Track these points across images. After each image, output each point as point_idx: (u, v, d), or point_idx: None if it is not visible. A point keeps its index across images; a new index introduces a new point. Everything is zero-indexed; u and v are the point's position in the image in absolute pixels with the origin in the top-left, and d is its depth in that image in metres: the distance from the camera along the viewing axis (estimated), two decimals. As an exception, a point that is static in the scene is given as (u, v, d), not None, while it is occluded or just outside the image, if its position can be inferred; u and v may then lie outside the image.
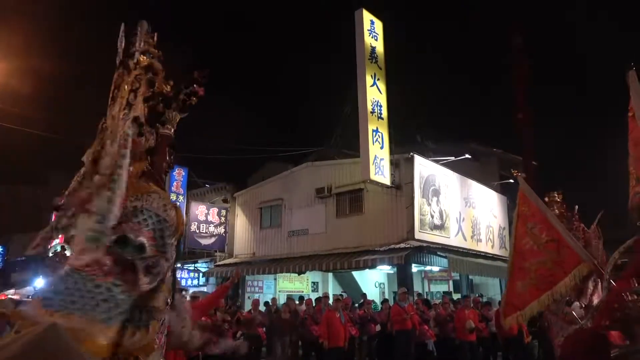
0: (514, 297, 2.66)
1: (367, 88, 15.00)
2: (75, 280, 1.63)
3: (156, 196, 2.02)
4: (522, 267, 2.65)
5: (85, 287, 1.63)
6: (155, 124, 2.18)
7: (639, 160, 2.24)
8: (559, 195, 6.20)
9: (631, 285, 2.13)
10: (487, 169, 21.29)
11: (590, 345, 2.10)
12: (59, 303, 1.57)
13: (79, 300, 1.60)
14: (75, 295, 1.60)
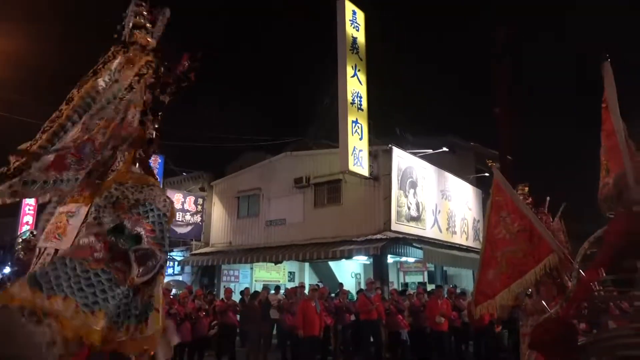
0: (485, 285, 2.69)
1: (347, 79, 14.94)
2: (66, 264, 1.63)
3: (157, 190, 2.07)
4: (494, 256, 2.67)
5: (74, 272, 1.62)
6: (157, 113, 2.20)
7: (610, 151, 2.27)
8: (525, 188, 6.37)
9: (599, 276, 2.16)
10: (463, 162, 21.56)
11: (559, 334, 2.12)
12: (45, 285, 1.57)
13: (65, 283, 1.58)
14: (62, 279, 1.60)
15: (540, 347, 2.22)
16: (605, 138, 2.32)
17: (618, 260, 2.08)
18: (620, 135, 2.15)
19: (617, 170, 2.19)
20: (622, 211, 2.11)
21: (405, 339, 11.91)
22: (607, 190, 2.25)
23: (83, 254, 1.66)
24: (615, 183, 2.17)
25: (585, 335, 2.16)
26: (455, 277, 19.72)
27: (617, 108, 2.19)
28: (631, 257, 2.04)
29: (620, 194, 2.14)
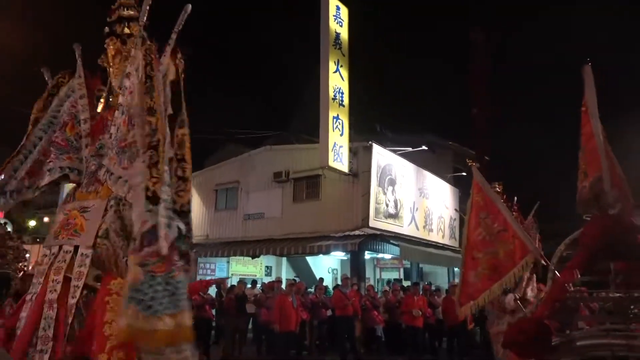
0: (468, 286, 2.71)
1: (329, 74, 14.90)
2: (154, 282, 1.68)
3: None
4: (475, 257, 2.70)
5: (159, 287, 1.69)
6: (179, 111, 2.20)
7: (589, 154, 2.30)
8: (499, 186, 6.50)
9: (574, 277, 2.20)
10: (442, 161, 21.80)
11: (533, 334, 2.15)
12: (157, 307, 1.65)
13: (164, 301, 1.67)
14: (158, 297, 1.67)
15: (515, 347, 2.24)
16: (585, 141, 2.35)
17: (592, 262, 2.12)
18: (599, 139, 2.18)
19: (594, 173, 2.22)
20: (598, 214, 2.15)
21: (380, 335, 12.02)
22: (585, 193, 2.28)
23: (166, 267, 1.72)
24: (592, 186, 2.21)
25: (558, 336, 2.19)
26: (430, 274, 19.98)
27: (596, 112, 2.22)
28: (605, 259, 2.08)
29: (597, 198, 2.18)
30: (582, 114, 2.36)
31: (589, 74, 2.27)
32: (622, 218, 2.07)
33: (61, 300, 1.93)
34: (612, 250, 2.03)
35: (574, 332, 2.29)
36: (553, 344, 2.16)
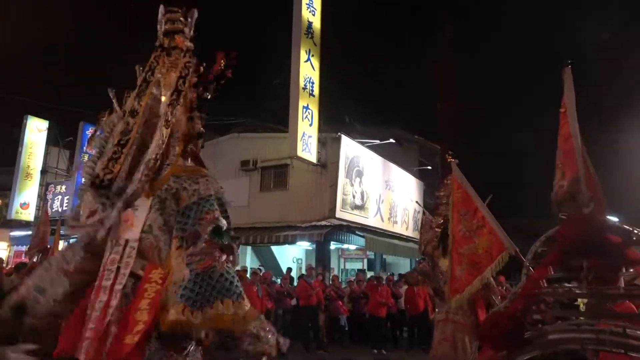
0: (455, 281, 2.78)
1: (300, 63, 14.78)
2: (203, 279, 1.94)
3: (212, 180, 2.35)
4: (459, 252, 2.75)
5: (213, 281, 1.95)
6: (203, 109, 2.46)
7: (566, 154, 2.36)
8: (451, 178, 6.86)
9: (548, 273, 2.27)
10: (408, 154, 22.14)
11: (507, 328, 2.20)
12: (200, 301, 1.90)
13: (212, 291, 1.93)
14: (209, 290, 1.93)
15: (488, 340, 2.30)
16: (563, 142, 2.42)
17: (566, 259, 2.19)
18: (576, 140, 2.25)
19: (571, 173, 2.29)
20: (574, 214, 2.22)
21: (344, 325, 12.17)
22: (561, 192, 2.35)
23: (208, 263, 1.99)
24: (569, 186, 2.28)
25: (531, 329, 2.26)
26: (393, 265, 20.35)
27: (574, 113, 2.28)
28: (578, 256, 2.15)
29: (573, 197, 2.25)
30: (560, 114, 2.43)
31: (569, 76, 2.33)
32: (595, 217, 2.15)
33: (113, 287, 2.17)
34: (585, 248, 2.11)
35: (545, 326, 2.36)
36: (525, 337, 2.23)
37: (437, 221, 6.65)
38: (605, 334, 2.06)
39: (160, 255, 2.20)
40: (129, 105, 2.42)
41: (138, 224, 2.26)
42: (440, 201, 6.60)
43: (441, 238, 6.34)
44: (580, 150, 2.23)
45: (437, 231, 6.47)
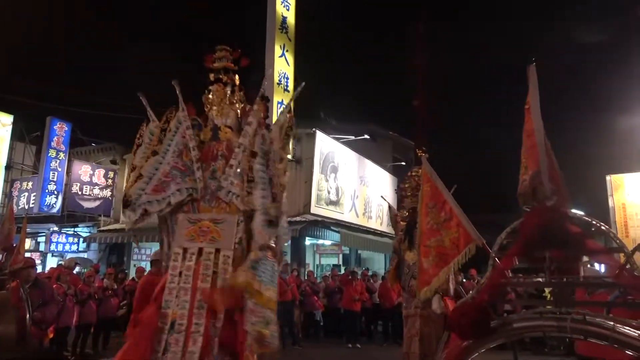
0: (423, 273, 2.83)
1: (275, 58, 14.72)
2: (266, 264, 2.59)
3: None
4: (427, 245, 2.81)
5: (268, 267, 2.60)
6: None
7: (529, 150, 2.44)
8: (419, 170, 6.80)
9: (513, 264, 2.35)
10: (382, 150, 22.31)
11: (474, 317, 2.27)
12: (264, 279, 2.54)
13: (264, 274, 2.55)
14: (264, 271, 2.56)
15: (457, 329, 2.36)
16: (526, 137, 2.50)
17: (530, 250, 2.27)
18: (540, 135, 2.33)
19: (534, 168, 2.37)
20: (537, 206, 2.30)
21: (319, 320, 12.23)
22: (525, 186, 2.43)
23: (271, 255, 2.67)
24: (532, 180, 2.36)
25: (497, 318, 2.34)
26: (368, 260, 20.53)
27: (538, 109, 2.36)
28: (541, 247, 2.24)
29: (535, 190, 2.33)
30: (525, 111, 2.51)
31: (533, 73, 2.41)
32: (557, 209, 2.23)
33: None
34: (548, 239, 2.19)
35: (510, 315, 2.45)
36: (492, 326, 2.30)
37: (402, 214, 6.68)
38: (566, 321, 2.15)
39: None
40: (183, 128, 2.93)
41: (227, 237, 2.70)
42: (405, 194, 6.61)
43: (407, 231, 6.39)
44: (542, 145, 2.31)
45: (402, 224, 6.53)
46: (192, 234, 2.75)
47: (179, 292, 2.62)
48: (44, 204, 17.40)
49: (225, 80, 3.04)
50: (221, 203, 2.80)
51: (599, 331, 2.07)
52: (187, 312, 2.55)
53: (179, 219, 2.84)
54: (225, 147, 2.89)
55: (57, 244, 17.91)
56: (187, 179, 2.85)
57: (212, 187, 2.82)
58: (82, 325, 8.81)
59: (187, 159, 2.89)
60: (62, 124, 17.96)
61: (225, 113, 2.98)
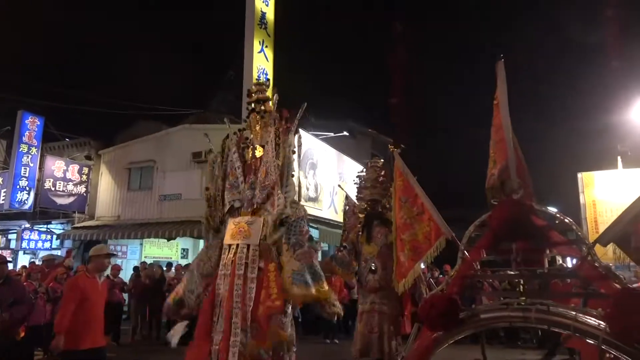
0: (400, 266, 2.88)
1: (254, 54, 14.63)
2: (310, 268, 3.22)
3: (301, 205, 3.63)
4: (402, 239, 2.85)
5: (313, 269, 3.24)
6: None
7: (498, 144, 2.50)
8: (379, 161, 6.76)
9: (481, 256, 2.40)
10: (361, 147, 22.42)
11: (443, 309, 2.32)
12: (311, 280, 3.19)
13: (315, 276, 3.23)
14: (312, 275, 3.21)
15: (426, 320, 2.40)
16: (494, 132, 2.56)
17: (497, 243, 2.33)
18: (507, 130, 2.38)
19: (502, 162, 2.43)
20: (504, 199, 2.36)
21: (297, 315, 12.23)
22: (493, 180, 2.49)
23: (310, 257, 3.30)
24: (499, 174, 2.42)
25: (465, 310, 2.39)
26: (346, 256, 20.56)
27: (506, 105, 2.41)
28: (508, 239, 2.29)
29: (503, 184, 2.39)
30: (494, 106, 2.56)
31: (502, 69, 2.46)
32: (524, 202, 2.29)
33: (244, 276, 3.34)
34: (514, 231, 2.25)
35: (478, 306, 2.50)
36: (460, 317, 2.35)
37: (360, 206, 6.38)
38: (531, 311, 2.21)
39: (271, 254, 3.34)
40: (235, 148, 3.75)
41: (255, 234, 3.38)
42: (365, 184, 6.37)
43: (365, 224, 6.13)
44: (510, 140, 2.36)
45: (360, 217, 6.25)
46: (233, 233, 3.48)
47: (223, 278, 3.38)
48: (15, 200, 16.94)
49: (259, 110, 3.77)
50: (254, 208, 3.51)
51: (561, 321, 2.14)
52: (227, 294, 3.27)
53: (227, 222, 3.59)
54: (259, 163, 3.63)
55: (29, 242, 17.48)
56: (232, 193, 3.62)
57: (249, 196, 3.55)
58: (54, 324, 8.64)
59: (233, 178, 3.67)
60: (34, 118, 17.50)
61: (261, 135, 3.69)
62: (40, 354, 8.62)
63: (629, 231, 2.07)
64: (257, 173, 3.56)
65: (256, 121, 3.70)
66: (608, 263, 2.23)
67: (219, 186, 3.71)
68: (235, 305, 3.21)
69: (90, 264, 5.00)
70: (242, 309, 3.18)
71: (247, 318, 3.17)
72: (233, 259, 3.35)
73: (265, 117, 3.72)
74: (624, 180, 11.51)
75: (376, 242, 6.02)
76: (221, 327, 3.20)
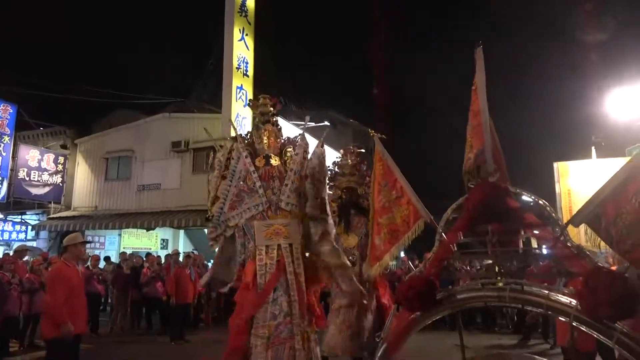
0: (375, 249, 2.90)
1: (234, 42, 14.46)
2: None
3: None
4: (379, 222, 2.88)
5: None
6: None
7: (474, 128, 2.55)
8: (354, 147, 6.67)
9: (458, 238, 2.45)
10: (342, 137, 22.44)
11: (421, 290, 2.36)
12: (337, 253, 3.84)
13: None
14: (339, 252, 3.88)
15: (404, 302, 2.45)
16: (472, 117, 2.60)
17: (474, 225, 2.37)
18: (484, 115, 2.43)
19: (478, 146, 2.48)
20: (480, 182, 2.41)
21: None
22: (469, 164, 2.54)
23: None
24: (476, 158, 2.46)
25: (442, 290, 2.44)
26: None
27: (484, 90, 2.45)
28: (484, 221, 2.34)
29: (479, 168, 2.43)
30: (472, 92, 2.60)
31: (480, 56, 2.50)
32: (499, 185, 2.34)
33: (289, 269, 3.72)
34: (490, 213, 2.30)
35: (455, 287, 2.56)
36: (437, 298, 2.40)
37: (334, 194, 6.05)
38: (505, 291, 2.27)
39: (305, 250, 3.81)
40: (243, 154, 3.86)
41: (294, 234, 3.73)
42: (342, 171, 6.11)
43: (342, 214, 5.79)
44: (487, 125, 2.41)
45: (332, 206, 5.74)
46: (269, 235, 3.73)
47: (266, 276, 3.64)
48: (-12, 191, 16.51)
49: (273, 122, 4.07)
50: (284, 212, 3.77)
51: (534, 299, 2.20)
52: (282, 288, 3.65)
53: (254, 225, 3.75)
54: (277, 170, 3.87)
55: (2, 233, 17.08)
56: (253, 198, 3.78)
57: (274, 201, 3.78)
58: (31, 316, 8.48)
59: (250, 182, 3.81)
60: (6, 105, 17.00)
61: (274, 145, 3.96)
62: (16, 345, 8.48)
63: (600, 212, 2.13)
64: (276, 180, 3.84)
65: (270, 132, 3.98)
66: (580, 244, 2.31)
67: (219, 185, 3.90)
68: (292, 297, 3.59)
69: (66, 253, 5.00)
70: (299, 299, 3.58)
71: (304, 307, 3.61)
72: (279, 259, 3.68)
73: (279, 129, 4.10)
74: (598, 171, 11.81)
75: (356, 232, 5.79)
76: (265, 320, 3.57)
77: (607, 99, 12.53)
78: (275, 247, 3.71)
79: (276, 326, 3.55)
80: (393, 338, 2.48)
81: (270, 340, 3.51)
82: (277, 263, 3.67)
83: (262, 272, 3.68)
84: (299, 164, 3.88)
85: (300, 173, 3.85)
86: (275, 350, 3.50)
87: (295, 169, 3.86)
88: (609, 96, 12.40)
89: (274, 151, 3.96)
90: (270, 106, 4.12)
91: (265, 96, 4.18)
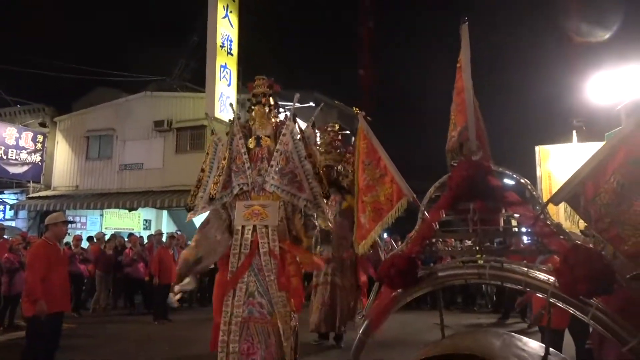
0: (361, 228, 2.91)
1: (217, 19, 14.17)
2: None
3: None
4: (364, 201, 2.88)
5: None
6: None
7: (458, 106, 2.54)
8: (334, 125, 6.73)
9: (440, 217, 2.46)
10: (327, 118, 22.33)
11: (403, 267, 2.38)
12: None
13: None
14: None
15: (386, 279, 2.46)
16: (456, 95, 2.59)
17: (456, 203, 2.39)
18: (468, 93, 2.41)
19: (461, 124, 2.47)
20: (463, 160, 2.41)
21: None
22: (453, 142, 2.54)
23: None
24: (459, 135, 2.46)
25: (423, 268, 2.46)
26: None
27: (469, 68, 2.44)
28: (466, 199, 2.36)
29: (462, 146, 2.43)
30: (457, 70, 2.58)
31: (465, 33, 2.47)
32: (481, 163, 2.35)
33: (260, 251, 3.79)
34: (472, 191, 2.31)
35: (435, 265, 2.58)
36: (419, 275, 2.42)
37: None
38: (485, 268, 2.30)
39: (286, 234, 3.82)
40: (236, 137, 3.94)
41: (273, 216, 3.74)
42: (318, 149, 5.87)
43: None
44: (471, 103, 2.40)
45: None
46: (247, 216, 3.77)
47: (240, 256, 3.73)
48: (-36, 169, 16.11)
49: (264, 102, 4.02)
50: (266, 193, 3.81)
51: (513, 276, 2.24)
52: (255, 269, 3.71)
53: (236, 205, 3.82)
54: (266, 152, 3.88)
55: (-21, 212, 16.75)
56: (240, 177, 3.85)
57: (259, 182, 3.83)
58: (11, 296, 8.36)
59: (240, 162, 3.88)
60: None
61: (265, 126, 3.96)
62: (-4, 324, 8.38)
63: (579, 191, 2.15)
64: (265, 161, 3.86)
65: (262, 113, 3.97)
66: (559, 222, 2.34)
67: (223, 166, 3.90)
68: (268, 277, 3.65)
69: (48, 232, 4.97)
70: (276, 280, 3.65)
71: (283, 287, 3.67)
72: (253, 240, 3.71)
73: (272, 110, 4.06)
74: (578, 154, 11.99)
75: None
76: (239, 299, 3.66)
77: (588, 84, 12.65)
78: (251, 227, 3.75)
79: (249, 304, 3.66)
80: (375, 315, 2.51)
81: (243, 318, 3.63)
82: (251, 244, 3.71)
83: (235, 251, 3.75)
84: (284, 145, 3.89)
85: (286, 154, 3.87)
86: (253, 328, 3.61)
87: (282, 150, 3.87)
88: (590, 81, 12.51)
89: (266, 132, 3.97)
90: (266, 87, 4.10)
91: (261, 77, 4.15)
